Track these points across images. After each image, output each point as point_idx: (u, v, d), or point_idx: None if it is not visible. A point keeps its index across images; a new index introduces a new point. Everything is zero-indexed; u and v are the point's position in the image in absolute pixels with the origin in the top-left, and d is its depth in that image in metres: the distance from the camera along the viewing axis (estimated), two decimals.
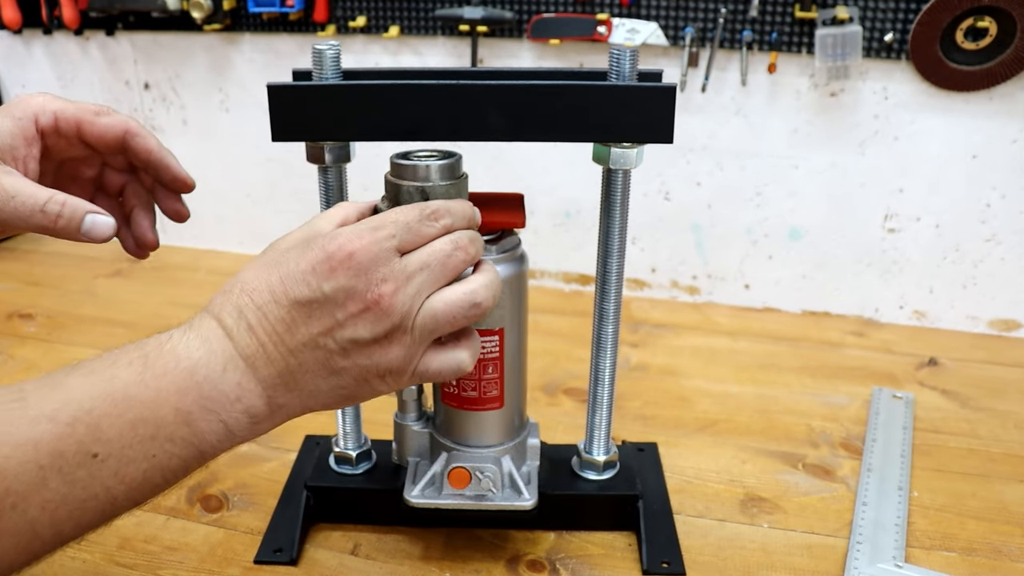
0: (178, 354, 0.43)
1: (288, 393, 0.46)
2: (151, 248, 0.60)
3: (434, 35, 1.09)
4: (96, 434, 0.40)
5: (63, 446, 0.39)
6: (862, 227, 1.07)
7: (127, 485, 0.42)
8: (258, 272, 0.46)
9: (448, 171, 0.54)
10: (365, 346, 0.46)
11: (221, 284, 0.47)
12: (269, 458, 0.79)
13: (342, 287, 0.44)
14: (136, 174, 0.60)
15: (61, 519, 0.40)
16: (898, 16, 0.95)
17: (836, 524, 0.72)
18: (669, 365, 0.99)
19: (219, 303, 0.46)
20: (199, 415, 0.43)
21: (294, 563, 0.66)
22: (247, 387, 0.45)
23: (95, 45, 1.24)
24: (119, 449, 0.41)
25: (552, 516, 0.69)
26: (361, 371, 0.47)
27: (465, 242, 0.49)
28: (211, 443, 0.45)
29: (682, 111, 1.05)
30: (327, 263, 0.44)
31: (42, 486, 0.39)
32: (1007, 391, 0.94)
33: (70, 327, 1.06)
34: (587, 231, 1.17)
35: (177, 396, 0.43)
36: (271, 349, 0.45)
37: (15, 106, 0.53)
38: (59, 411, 0.40)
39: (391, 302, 0.45)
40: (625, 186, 0.60)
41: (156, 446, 0.42)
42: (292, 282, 0.45)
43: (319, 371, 0.46)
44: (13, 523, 0.38)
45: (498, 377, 0.63)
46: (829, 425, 0.86)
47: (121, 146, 0.56)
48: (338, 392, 0.47)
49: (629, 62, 0.55)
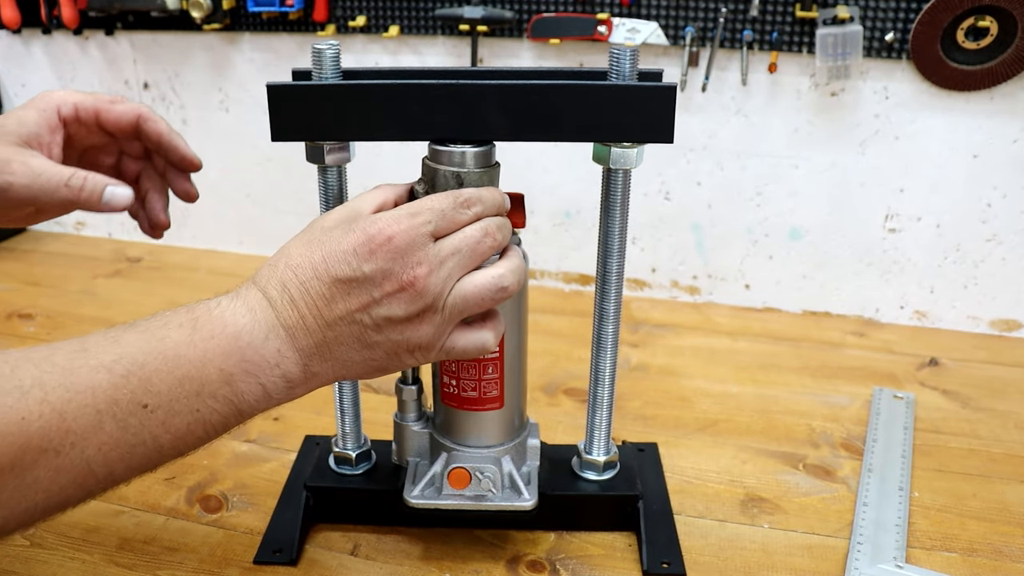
0: (225, 320, 0.47)
1: (323, 362, 0.50)
2: (164, 228, 0.66)
3: (434, 35, 1.09)
4: (147, 387, 0.44)
5: (118, 395, 0.43)
6: (863, 227, 1.07)
7: (172, 435, 0.46)
8: (301, 249, 0.50)
9: (482, 158, 0.56)
10: (398, 323, 0.50)
11: (221, 284, 0.48)
12: (269, 458, 0.79)
13: (380, 268, 0.48)
14: (150, 160, 0.65)
15: (113, 460, 0.44)
16: (899, 15, 0.95)
17: (837, 524, 0.71)
18: (669, 365, 0.99)
19: (265, 275, 0.50)
20: (240, 377, 0.47)
21: (294, 564, 0.66)
22: (286, 354, 0.48)
23: (94, 45, 1.24)
24: (167, 402, 0.45)
25: (552, 516, 0.69)
26: (393, 345, 0.50)
27: (494, 229, 0.52)
28: (250, 403, 0.48)
29: (682, 111, 1.04)
30: (367, 245, 0.48)
31: (98, 429, 0.43)
32: (1008, 391, 0.94)
33: (69, 327, 1.06)
34: (587, 231, 1.17)
35: (222, 358, 0.46)
36: (311, 321, 0.49)
37: (39, 99, 0.59)
38: (115, 363, 0.44)
39: (425, 284, 0.49)
40: (625, 186, 0.60)
41: (200, 402, 0.46)
42: (334, 261, 0.48)
43: (353, 344, 0.50)
44: (71, 460, 0.42)
45: (498, 377, 0.63)
46: (830, 425, 0.86)
47: (135, 131, 0.62)
48: (370, 363, 0.51)
49: (629, 62, 0.55)
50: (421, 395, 0.68)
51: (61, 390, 0.42)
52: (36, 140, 0.57)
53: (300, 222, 0.52)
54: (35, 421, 0.40)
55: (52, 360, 0.43)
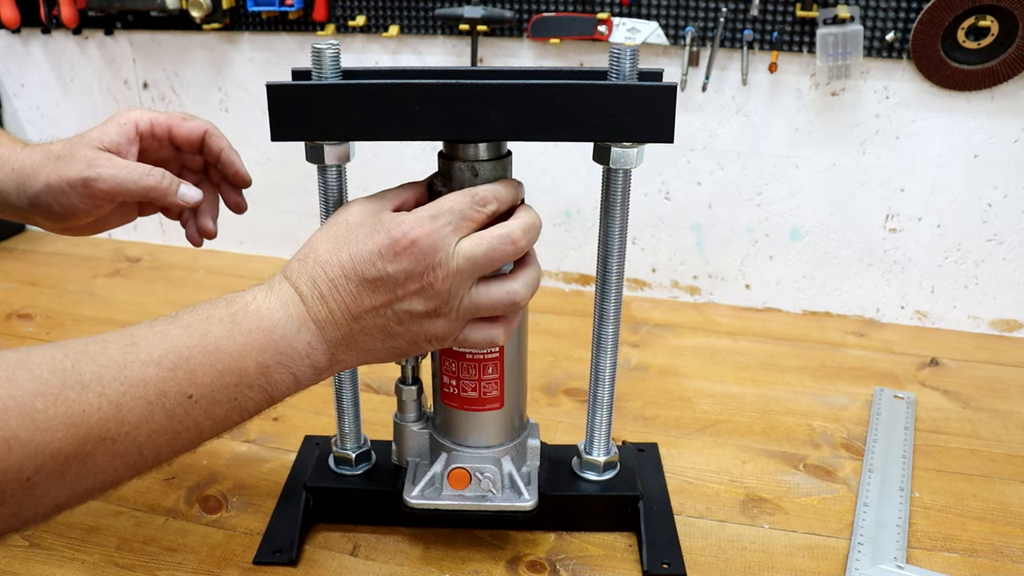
0: (261, 314, 0.51)
1: (348, 351, 0.54)
2: (211, 236, 0.71)
3: (434, 34, 1.09)
4: (192, 379, 0.48)
5: (166, 387, 0.47)
6: (863, 227, 1.07)
7: (212, 421, 0.50)
8: (329, 246, 0.53)
9: (495, 149, 0.58)
10: (418, 317, 0.54)
11: (220, 284, 0.48)
12: (268, 459, 0.79)
13: (403, 269, 0.52)
14: (207, 173, 0.71)
15: (160, 445, 0.48)
16: (899, 15, 0.95)
17: (837, 525, 0.71)
18: (669, 365, 0.99)
19: (296, 271, 0.53)
20: (274, 368, 0.51)
21: (293, 564, 0.66)
22: (316, 346, 0.53)
23: (94, 44, 1.24)
24: (209, 392, 0.49)
25: (552, 517, 0.69)
26: (412, 336, 0.55)
27: (519, 235, 0.55)
28: (281, 390, 0.52)
29: (683, 110, 1.04)
30: (392, 248, 0.52)
31: (149, 419, 0.46)
32: (1009, 391, 0.94)
33: (68, 327, 1.06)
34: (587, 231, 1.17)
35: (258, 351, 0.50)
36: (339, 316, 0.53)
37: (119, 116, 0.66)
38: (164, 357, 0.47)
39: (442, 286, 0.53)
40: (625, 186, 0.60)
41: (238, 391, 0.50)
42: (360, 261, 0.52)
43: (377, 334, 0.54)
44: (126, 447, 0.46)
45: (498, 377, 0.63)
46: (830, 426, 0.86)
47: (200, 145, 0.67)
48: (392, 350, 0.56)
49: (629, 61, 0.54)
50: (421, 395, 0.68)
51: (116, 384, 0.45)
52: (116, 148, 0.64)
53: (300, 222, 0.53)
54: (95, 413, 0.44)
55: (107, 354, 0.46)
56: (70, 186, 0.62)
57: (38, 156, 0.63)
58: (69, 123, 1.31)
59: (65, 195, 0.62)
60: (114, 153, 0.63)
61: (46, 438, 0.42)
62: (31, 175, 0.63)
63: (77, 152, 0.62)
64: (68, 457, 0.43)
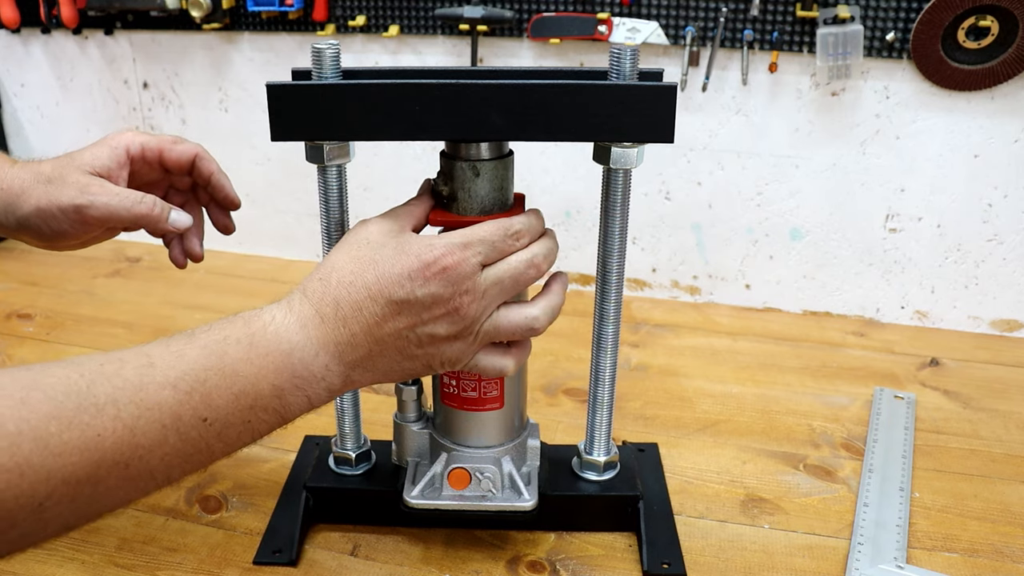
0: (280, 336, 0.51)
1: (364, 372, 0.54)
2: (196, 260, 0.71)
3: (434, 34, 1.09)
4: (207, 402, 0.47)
5: (181, 410, 0.46)
6: (863, 227, 1.07)
7: (224, 443, 0.49)
8: (352, 266, 0.53)
9: (496, 149, 0.58)
10: (439, 340, 0.54)
11: (220, 284, 0.48)
12: (268, 459, 0.79)
13: (431, 293, 0.52)
14: (194, 193, 0.70)
15: (172, 467, 0.47)
16: (899, 15, 0.95)
17: (837, 525, 0.71)
18: (670, 365, 0.99)
19: (318, 292, 0.52)
20: (289, 391, 0.51)
21: (293, 564, 0.66)
22: (332, 369, 0.52)
23: (94, 44, 1.24)
24: (224, 415, 0.48)
25: (552, 517, 0.69)
26: (429, 358, 0.55)
27: (541, 259, 0.56)
28: (293, 412, 0.52)
29: (683, 110, 1.04)
30: (422, 272, 0.52)
31: (163, 442, 0.45)
32: (1009, 392, 0.94)
33: (68, 327, 1.06)
34: (587, 231, 1.17)
35: (275, 374, 0.50)
36: (360, 338, 0.52)
37: (110, 139, 0.65)
38: (180, 380, 0.46)
39: (467, 311, 0.53)
40: (626, 186, 0.60)
41: (252, 414, 0.49)
42: (388, 283, 0.52)
43: (395, 356, 0.54)
44: (138, 471, 0.45)
45: (498, 377, 0.63)
46: (830, 426, 0.86)
47: (190, 168, 0.67)
48: (406, 372, 0.55)
49: (630, 61, 0.54)
50: (421, 395, 0.68)
51: (132, 407, 0.44)
52: (107, 172, 0.63)
53: (299, 222, 0.52)
54: (109, 437, 0.43)
55: (122, 375, 0.45)
56: (61, 211, 0.61)
57: (27, 177, 0.62)
58: (69, 123, 1.31)
59: (56, 220, 0.62)
60: (105, 178, 0.63)
61: (59, 463, 0.41)
62: (20, 196, 0.62)
63: (68, 176, 0.62)
64: (80, 482, 0.42)
